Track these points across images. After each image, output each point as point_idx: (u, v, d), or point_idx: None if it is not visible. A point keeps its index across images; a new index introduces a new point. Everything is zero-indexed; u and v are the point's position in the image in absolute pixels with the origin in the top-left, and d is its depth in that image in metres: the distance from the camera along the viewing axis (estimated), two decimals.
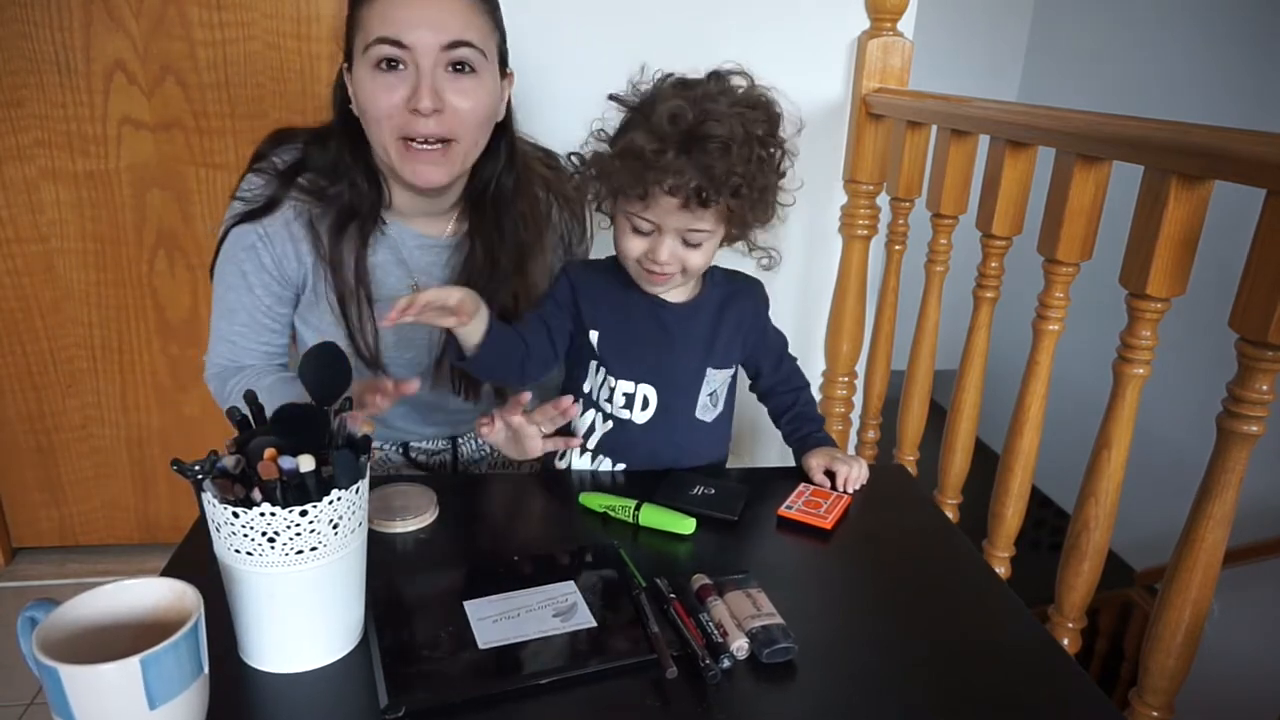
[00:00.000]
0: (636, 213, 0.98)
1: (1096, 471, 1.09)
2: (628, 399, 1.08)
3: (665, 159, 0.93)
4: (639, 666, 0.75)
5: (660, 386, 1.08)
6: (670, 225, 0.98)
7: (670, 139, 0.93)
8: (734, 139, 0.93)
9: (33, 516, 2.03)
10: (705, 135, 0.93)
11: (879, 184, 1.63)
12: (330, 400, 0.76)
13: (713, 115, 0.93)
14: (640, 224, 0.99)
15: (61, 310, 1.87)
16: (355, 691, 0.73)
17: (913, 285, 1.52)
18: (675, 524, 0.95)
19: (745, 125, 0.95)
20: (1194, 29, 3.00)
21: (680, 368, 1.08)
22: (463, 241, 1.17)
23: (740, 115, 0.95)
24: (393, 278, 1.15)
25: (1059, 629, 1.16)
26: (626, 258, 1.03)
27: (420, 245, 1.16)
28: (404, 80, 1.00)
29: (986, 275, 1.31)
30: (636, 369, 1.08)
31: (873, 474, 1.09)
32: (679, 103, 0.94)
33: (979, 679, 0.77)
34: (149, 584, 0.66)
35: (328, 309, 1.13)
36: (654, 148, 0.93)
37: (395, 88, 1.00)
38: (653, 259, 1.00)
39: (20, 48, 1.68)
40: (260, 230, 1.10)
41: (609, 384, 1.08)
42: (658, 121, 0.94)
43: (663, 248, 0.99)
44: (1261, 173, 0.82)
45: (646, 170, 0.93)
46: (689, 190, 0.93)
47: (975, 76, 3.81)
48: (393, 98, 1.00)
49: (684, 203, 0.95)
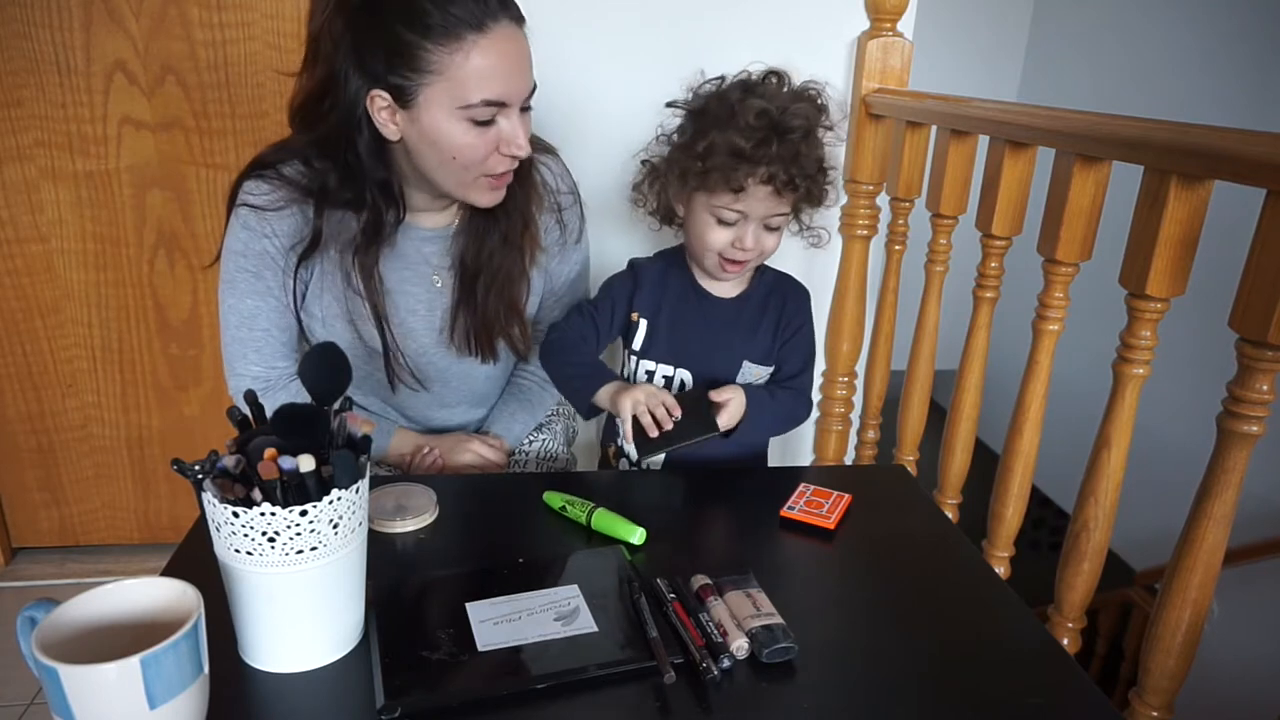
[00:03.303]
0: (726, 205, 1.07)
1: (1096, 471, 1.09)
2: (666, 382, 1.17)
3: (762, 152, 1.03)
4: (638, 672, 0.74)
5: (696, 372, 1.16)
6: (758, 212, 1.08)
7: (760, 134, 1.03)
8: (811, 127, 1.06)
9: (33, 516, 2.03)
10: (788, 128, 1.04)
11: (879, 184, 1.63)
12: (330, 400, 0.76)
13: (790, 109, 1.05)
14: (727, 215, 1.08)
15: (61, 310, 1.87)
16: (355, 691, 0.73)
17: (913, 285, 1.52)
18: (626, 532, 0.94)
19: (812, 115, 1.07)
20: (1194, 29, 3.00)
21: (718, 356, 1.14)
22: (464, 227, 1.20)
23: (805, 106, 1.07)
24: (397, 271, 1.17)
25: (1059, 629, 1.16)
26: (708, 249, 1.11)
27: (424, 238, 1.19)
28: (494, 127, 1.04)
29: (986, 275, 1.31)
30: (677, 354, 1.17)
31: (873, 474, 1.10)
32: (759, 101, 1.05)
33: (979, 679, 0.77)
34: (149, 584, 0.66)
35: (332, 301, 1.15)
36: (751, 143, 1.03)
37: (487, 136, 1.04)
38: (740, 246, 1.09)
39: (20, 48, 1.68)
40: (269, 228, 1.11)
41: (645, 367, 1.18)
42: (745, 120, 1.03)
43: (749, 235, 1.09)
44: (1261, 173, 0.82)
45: (741, 164, 1.03)
46: (781, 177, 1.04)
47: (975, 76, 3.81)
48: (488, 146, 1.05)
49: (776, 190, 1.05)
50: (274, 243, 1.12)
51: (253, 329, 1.15)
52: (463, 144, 1.04)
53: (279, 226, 1.11)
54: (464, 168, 1.06)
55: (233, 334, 1.16)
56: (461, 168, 1.06)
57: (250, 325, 1.15)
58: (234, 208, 1.12)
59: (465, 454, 1.25)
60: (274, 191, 1.10)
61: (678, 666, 0.74)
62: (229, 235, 1.13)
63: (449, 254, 1.20)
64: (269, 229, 1.11)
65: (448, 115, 1.02)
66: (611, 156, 1.30)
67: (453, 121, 1.02)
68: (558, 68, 1.53)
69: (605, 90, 1.54)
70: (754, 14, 1.57)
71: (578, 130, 1.37)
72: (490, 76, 1.01)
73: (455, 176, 1.07)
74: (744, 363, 1.17)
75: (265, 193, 1.11)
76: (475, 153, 1.05)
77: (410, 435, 1.28)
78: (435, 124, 1.03)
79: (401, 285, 1.18)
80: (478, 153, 1.05)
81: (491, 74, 1.01)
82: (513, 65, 1.03)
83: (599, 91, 1.54)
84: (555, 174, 1.26)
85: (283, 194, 1.10)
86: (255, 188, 1.11)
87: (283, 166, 1.11)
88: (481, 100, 1.01)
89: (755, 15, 1.57)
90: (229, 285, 1.14)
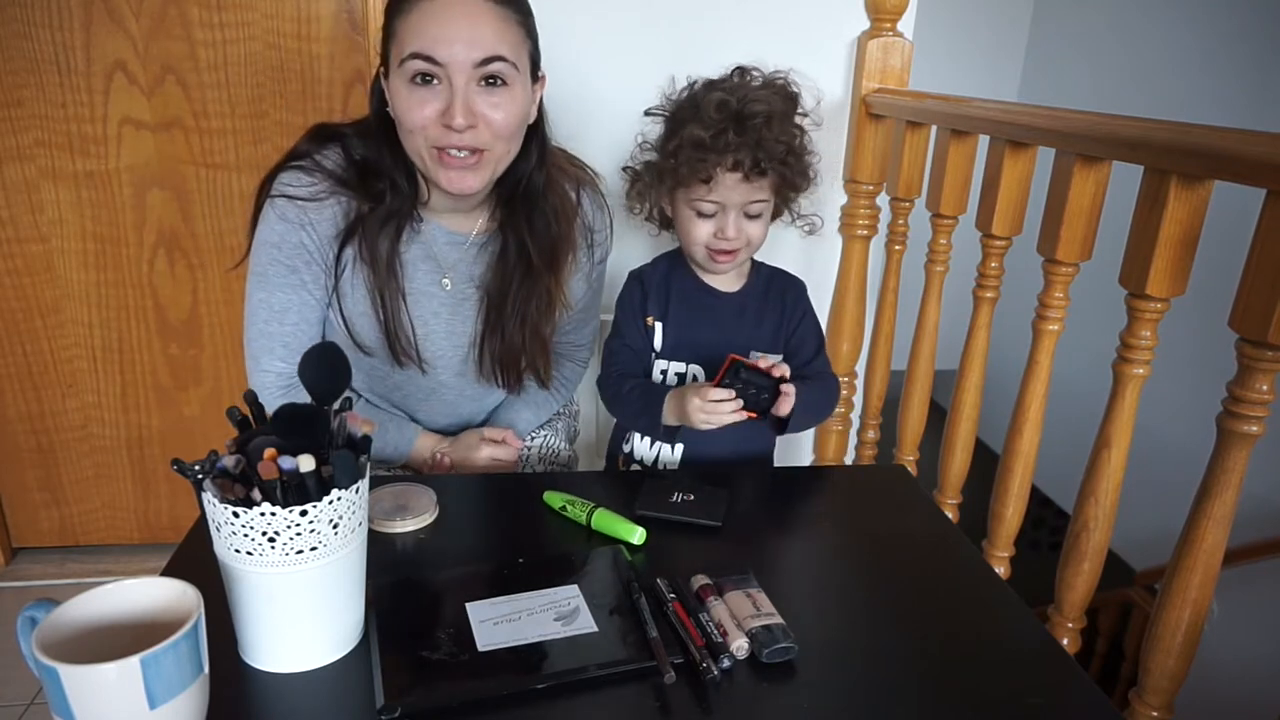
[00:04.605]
0: (701, 197, 1.11)
1: (1096, 471, 1.09)
2: (680, 379, 1.21)
3: (722, 140, 1.07)
4: (638, 672, 0.74)
5: (708, 366, 1.18)
6: (733, 201, 1.11)
7: (722, 123, 1.07)
8: (773, 113, 1.09)
9: (33, 516, 2.02)
10: (750, 114, 1.07)
11: (879, 184, 1.63)
12: (330, 400, 0.76)
13: (750, 97, 1.09)
14: (705, 206, 1.12)
15: (61, 310, 1.87)
16: (355, 691, 0.73)
17: (913, 285, 1.52)
18: (626, 532, 0.94)
19: (776, 102, 1.10)
20: (1194, 29, 3.00)
21: (728, 348, 1.14)
22: (492, 239, 1.20)
23: (770, 94, 1.11)
24: (421, 273, 1.17)
25: (1059, 629, 1.16)
26: (695, 244, 1.15)
27: (450, 242, 1.18)
28: (437, 94, 1.02)
29: (986, 275, 1.31)
30: (688, 350, 1.20)
31: (873, 474, 1.09)
32: (719, 94, 1.09)
33: (979, 679, 0.77)
34: (149, 584, 0.66)
35: (364, 296, 1.14)
36: (712, 134, 1.07)
37: (429, 101, 1.02)
38: (722, 236, 1.12)
39: (20, 48, 1.68)
40: (306, 219, 1.10)
41: (659, 367, 1.21)
42: (706, 113, 1.08)
43: (729, 223, 1.11)
44: (1261, 173, 0.82)
45: (708, 155, 1.07)
46: (747, 163, 1.07)
47: (975, 76, 3.81)
48: (426, 111, 1.03)
49: (744, 176, 1.09)
50: (311, 236, 1.11)
51: (283, 324, 1.13)
52: (403, 106, 1.04)
53: (318, 217, 1.10)
54: (409, 132, 1.05)
55: (260, 328, 1.13)
56: (408, 133, 1.05)
57: (281, 320, 1.13)
58: (268, 199, 1.11)
59: (479, 459, 1.25)
60: (315, 184, 1.10)
61: (678, 666, 0.74)
62: (263, 227, 1.11)
63: (471, 263, 1.20)
64: (307, 220, 1.10)
65: (396, 74, 1.03)
66: (610, 158, 1.30)
67: (399, 80, 1.03)
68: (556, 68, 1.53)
69: (604, 91, 1.54)
70: (754, 14, 1.57)
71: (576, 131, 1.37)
72: (423, 31, 1.00)
73: (412, 146, 1.07)
74: (751, 352, 1.19)
75: (306, 184, 1.10)
76: (413, 116, 1.03)
77: (429, 439, 1.27)
78: (393, 88, 1.04)
79: (425, 287, 1.18)
80: (415, 116, 1.03)
81: (425, 29, 1.00)
82: (456, 25, 1.01)
83: (598, 92, 1.54)
84: (592, 205, 1.26)
85: (323, 185, 1.10)
86: (295, 179, 1.10)
87: (321, 158, 1.11)
88: (410, 53, 1.01)
89: (755, 15, 1.57)
90: (259, 279, 1.12)
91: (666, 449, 1.23)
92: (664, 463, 1.23)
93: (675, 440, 1.19)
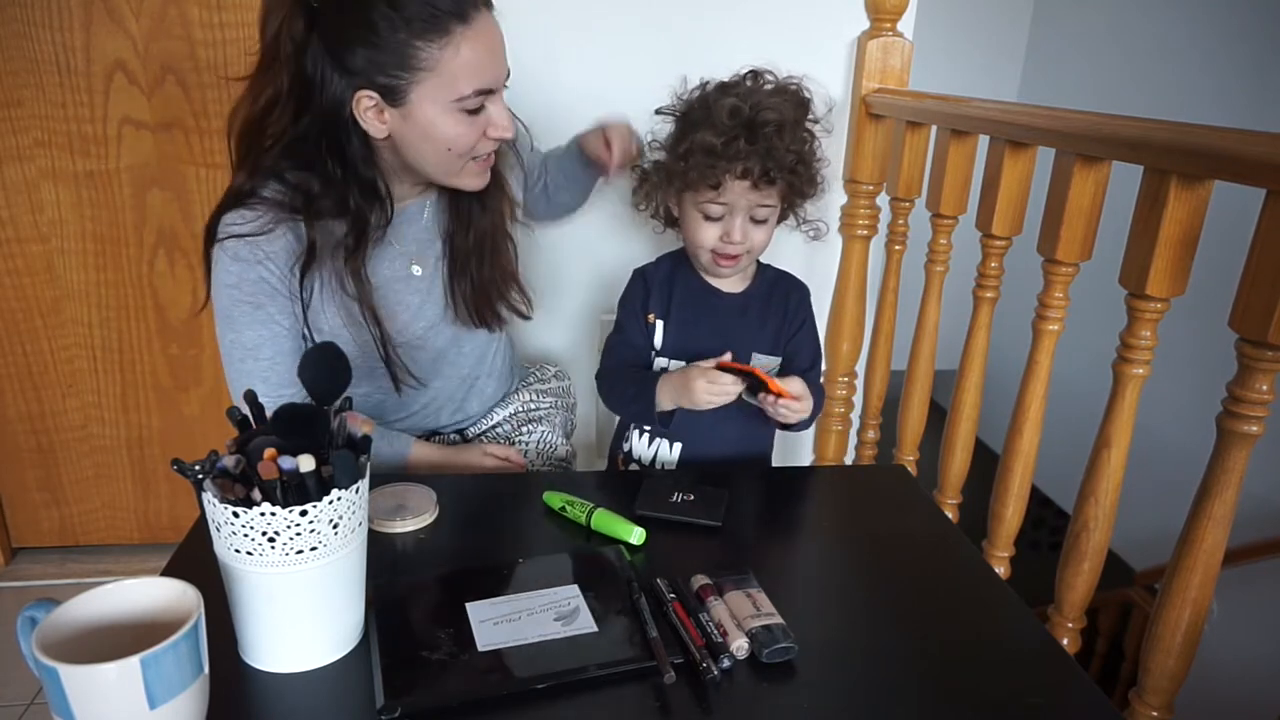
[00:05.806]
0: (709, 200, 1.12)
1: (1096, 471, 1.09)
2: None
3: (733, 148, 1.07)
4: (638, 672, 0.74)
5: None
6: (740, 205, 1.11)
7: (734, 131, 1.07)
8: (785, 121, 1.09)
9: (33, 516, 2.03)
10: (762, 122, 1.07)
11: (879, 184, 1.63)
12: (330, 400, 0.76)
13: (764, 105, 1.08)
14: (712, 209, 1.12)
15: (61, 310, 1.87)
16: (355, 691, 0.73)
17: (913, 285, 1.52)
18: (625, 532, 0.94)
19: (788, 109, 1.10)
20: (1194, 29, 3.00)
21: (729, 349, 1.15)
22: (439, 198, 1.21)
23: (782, 102, 1.11)
24: (385, 259, 1.17)
25: (1059, 629, 1.16)
26: (700, 247, 1.15)
27: (403, 220, 1.18)
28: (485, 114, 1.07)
29: (986, 275, 1.31)
30: (690, 350, 1.19)
31: (873, 474, 1.09)
32: (733, 100, 1.09)
33: (979, 679, 0.77)
34: (149, 584, 0.66)
35: (335, 312, 1.13)
36: (723, 141, 1.07)
37: (477, 123, 1.06)
38: (727, 239, 1.13)
39: (20, 48, 1.68)
40: (262, 253, 1.06)
41: (659, 364, 1.21)
42: (719, 119, 1.08)
43: (735, 227, 1.12)
44: (1261, 173, 0.82)
45: (718, 161, 1.08)
46: (756, 171, 1.08)
47: (975, 76, 3.80)
48: (477, 133, 1.07)
49: (753, 183, 1.09)
50: (270, 268, 1.07)
51: (258, 359, 1.10)
52: (455, 134, 1.05)
53: (271, 250, 1.07)
54: (457, 156, 1.08)
55: (237, 368, 1.11)
56: (455, 157, 1.08)
57: (255, 356, 1.10)
58: (216, 243, 1.07)
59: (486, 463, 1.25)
60: (260, 217, 1.06)
61: (678, 666, 0.74)
62: (218, 271, 1.07)
63: (427, 234, 1.21)
64: (261, 255, 1.06)
65: (442, 109, 1.03)
66: None
67: (446, 114, 1.04)
68: (557, 69, 1.53)
69: (604, 92, 1.54)
70: (754, 14, 1.57)
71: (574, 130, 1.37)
72: (480, 66, 1.03)
73: (446, 166, 1.09)
74: (753, 354, 1.20)
75: (251, 219, 1.06)
76: (467, 141, 1.07)
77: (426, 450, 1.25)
78: (429, 118, 1.04)
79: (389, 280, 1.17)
80: (469, 140, 1.07)
81: (480, 64, 1.03)
82: (496, 51, 1.05)
83: (598, 93, 1.54)
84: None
85: (269, 216, 1.06)
86: (238, 217, 1.06)
87: (259, 190, 1.07)
88: (473, 91, 1.03)
89: (755, 16, 1.57)
90: (227, 321, 1.09)
91: (665, 449, 1.23)
92: (662, 462, 1.23)
93: (668, 425, 1.19)
